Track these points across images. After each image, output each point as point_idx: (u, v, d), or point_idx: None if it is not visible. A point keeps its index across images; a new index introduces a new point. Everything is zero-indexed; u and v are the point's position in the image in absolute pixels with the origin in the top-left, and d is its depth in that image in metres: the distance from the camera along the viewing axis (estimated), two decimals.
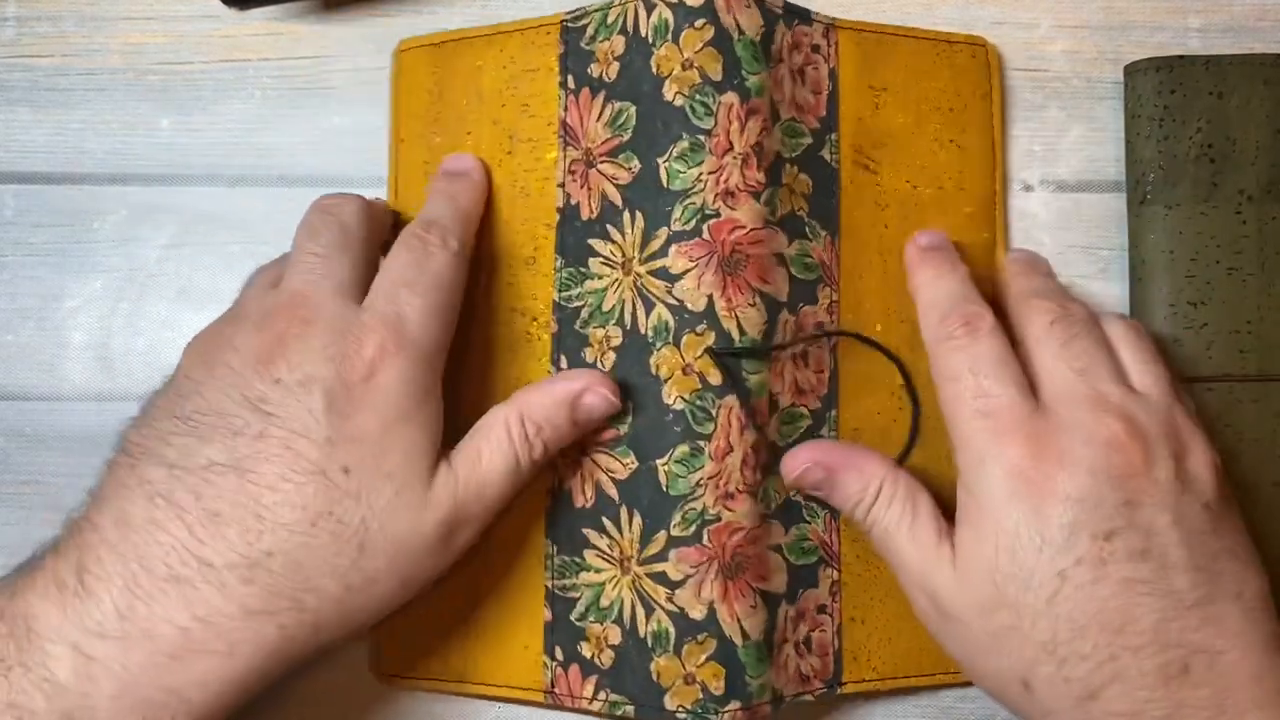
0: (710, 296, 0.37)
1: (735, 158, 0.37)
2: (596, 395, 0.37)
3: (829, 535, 0.39)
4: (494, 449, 0.35)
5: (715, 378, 0.37)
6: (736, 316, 0.37)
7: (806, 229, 0.39)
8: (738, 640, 0.37)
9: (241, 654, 0.32)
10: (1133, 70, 0.42)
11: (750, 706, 0.37)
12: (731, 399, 0.37)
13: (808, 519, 0.39)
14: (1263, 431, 0.40)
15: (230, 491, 0.32)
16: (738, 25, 0.38)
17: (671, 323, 0.37)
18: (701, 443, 0.37)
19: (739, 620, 0.37)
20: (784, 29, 0.39)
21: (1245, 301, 0.40)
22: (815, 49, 0.40)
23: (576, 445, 0.38)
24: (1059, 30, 0.43)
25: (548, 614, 0.39)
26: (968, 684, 0.40)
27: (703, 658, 0.37)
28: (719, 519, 0.37)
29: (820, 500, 0.39)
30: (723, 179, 0.37)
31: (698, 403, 0.37)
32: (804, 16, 0.40)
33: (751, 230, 0.37)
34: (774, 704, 0.37)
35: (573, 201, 0.40)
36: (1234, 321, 0.40)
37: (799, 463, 0.37)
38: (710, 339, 0.37)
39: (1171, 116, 0.41)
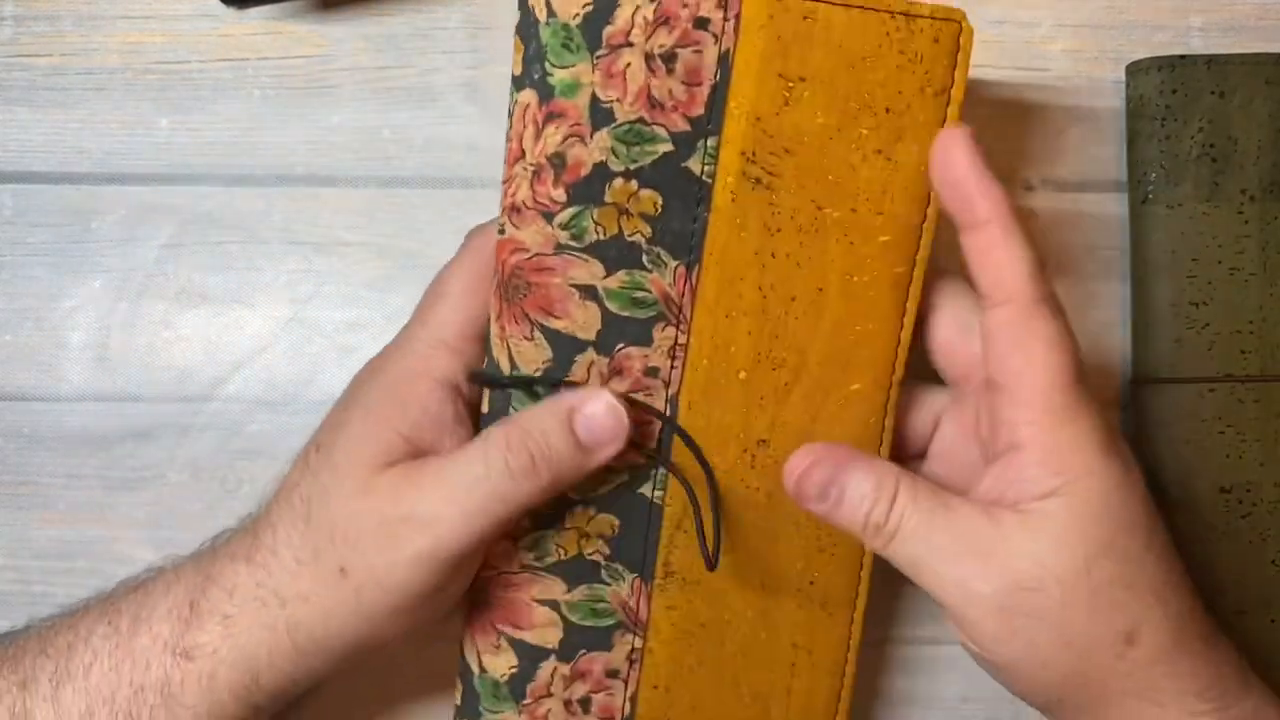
0: (489, 317, 0.33)
1: (526, 168, 0.32)
2: (599, 403, 0.33)
3: (635, 600, 0.35)
4: (467, 451, 0.33)
5: (484, 405, 0.34)
6: (509, 347, 0.33)
7: (644, 257, 0.33)
8: (474, 669, 0.36)
9: (237, 601, 0.34)
10: (1134, 70, 0.41)
11: None
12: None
13: (606, 580, 0.35)
14: (1265, 432, 0.40)
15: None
16: (548, 5, 0.31)
17: None
18: None
19: (479, 654, 0.35)
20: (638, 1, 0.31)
21: (1247, 301, 0.40)
22: (701, 24, 0.31)
23: None
24: (1060, 29, 0.43)
25: None
26: None
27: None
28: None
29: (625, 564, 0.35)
30: (510, 191, 0.32)
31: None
32: None
33: (536, 256, 0.32)
34: None
35: None
36: (1236, 322, 0.40)
37: (799, 464, 0.33)
38: (483, 363, 0.34)
39: (1173, 116, 0.40)
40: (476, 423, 0.35)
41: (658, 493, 0.35)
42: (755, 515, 0.35)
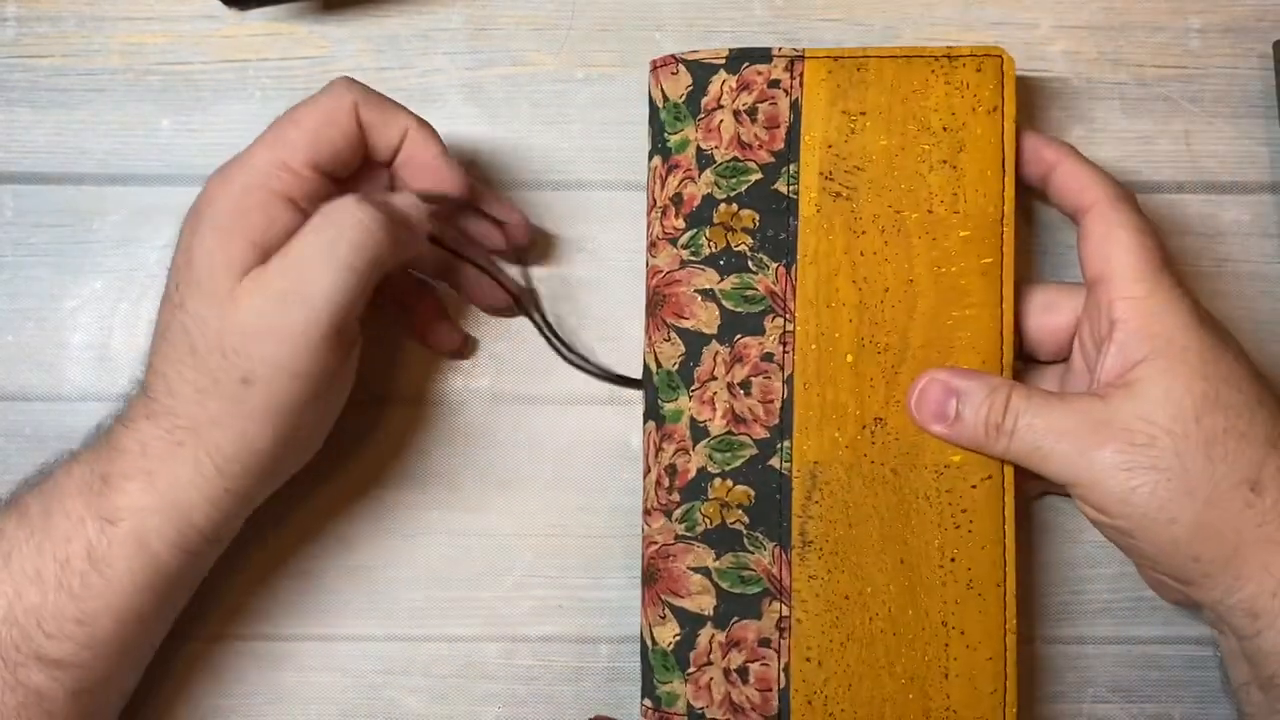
0: (644, 336, 0.41)
1: (657, 211, 0.40)
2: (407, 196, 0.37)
3: (777, 569, 0.38)
4: (311, 224, 0.35)
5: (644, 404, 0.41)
6: (654, 350, 0.40)
7: (750, 262, 0.39)
8: (648, 643, 0.39)
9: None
10: None
11: (660, 709, 0.39)
12: (650, 425, 0.40)
13: (749, 548, 0.39)
14: None
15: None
16: (663, 94, 0.40)
17: None
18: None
19: (649, 626, 0.39)
20: (724, 76, 0.40)
21: None
22: (773, 84, 0.39)
23: None
24: (1059, 30, 0.43)
25: None
26: None
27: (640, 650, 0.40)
28: (641, 533, 0.40)
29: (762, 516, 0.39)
30: (650, 233, 0.40)
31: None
32: (761, 56, 0.40)
33: (669, 273, 0.40)
34: (692, 718, 0.39)
35: None
36: None
37: (913, 390, 0.38)
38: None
39: None
40: None
41: (785, 464, 0.39)
42: (885, 490, 0.38)
